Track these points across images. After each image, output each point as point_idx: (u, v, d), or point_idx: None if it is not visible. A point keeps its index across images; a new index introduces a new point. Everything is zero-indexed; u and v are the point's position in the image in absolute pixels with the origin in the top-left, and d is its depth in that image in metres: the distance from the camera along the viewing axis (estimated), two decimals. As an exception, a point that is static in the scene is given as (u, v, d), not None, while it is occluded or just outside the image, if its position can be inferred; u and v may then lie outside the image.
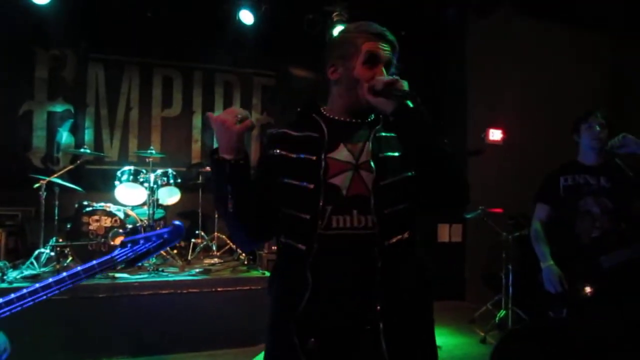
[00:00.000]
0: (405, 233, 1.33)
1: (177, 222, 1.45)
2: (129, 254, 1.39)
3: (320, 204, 1.29)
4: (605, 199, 2.50)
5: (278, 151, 1.37)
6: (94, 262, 1.37)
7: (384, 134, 1.39)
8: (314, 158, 1.33)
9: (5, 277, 3.72)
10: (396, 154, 1.35)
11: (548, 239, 2.68)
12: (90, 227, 4.24)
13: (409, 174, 1.32)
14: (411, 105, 1.29)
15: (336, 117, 1.42)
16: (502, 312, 4.49)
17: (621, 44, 6.15)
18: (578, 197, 2.55)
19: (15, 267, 4.08)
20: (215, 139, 1.37)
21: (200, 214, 5.22)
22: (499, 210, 4.66)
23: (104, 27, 5.44)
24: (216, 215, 5.15)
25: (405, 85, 1.29)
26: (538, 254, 2.68)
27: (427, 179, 1.29)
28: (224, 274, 4.34)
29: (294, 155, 1.36)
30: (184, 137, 6.04)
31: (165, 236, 1.42)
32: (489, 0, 5.34)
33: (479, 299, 5.18)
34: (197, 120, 6.11)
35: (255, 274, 4.32)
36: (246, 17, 5.41)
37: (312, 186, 1.30)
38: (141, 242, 1.41)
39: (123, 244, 1.41)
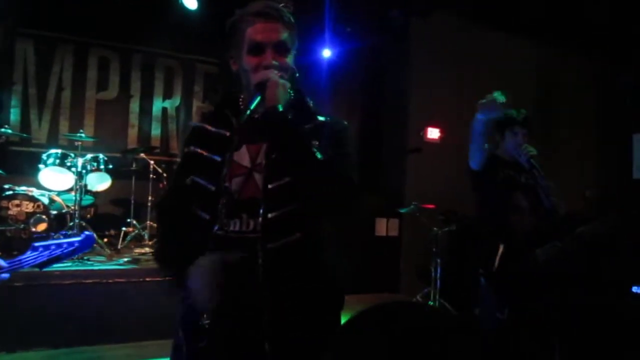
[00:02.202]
0: (295, 234, 1.28)
1: (88, 233, 1.51)
2: (37, 259, 1.39)
3: (219, 206, 1.29)
4: (531, 194, 2.58)
5: (192, 148, 1.38)
6: (1, 261, 1.35)
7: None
8: (219, 160, 1.33)
9: None
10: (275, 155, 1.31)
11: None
12: (10, 212, 4.00)
13: (295, 179, 1.28)
14: (280, 108, 1.21)
15: (242, 110, 1.36)
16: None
17: (547, 46, 6.53)
18: (511, 191, 2.60)
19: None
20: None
21: (132, 202, 5.04)
22: (431, 206, 4.81)
23: (35, 1, 5.12)
24: (149, 204, 5.00)
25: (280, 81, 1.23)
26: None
27: (302, 184, 1.26)
28: (153, 263, 4.22)
29: (204, 154, 1.35)
30: (120, 121, 5.82)
31: (76, 244, 1.44)
32: (430, 3, 5.48)
33: (412, 291, 5.35)
34: (134, 105, 5.90)
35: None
36: (190, 2, 5.26)
37: (213, 189, 1.31)
38: (52, 247, 1.41)
39: (34, 248, 1.40)
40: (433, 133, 6.10)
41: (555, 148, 6.30)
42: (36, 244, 1.40)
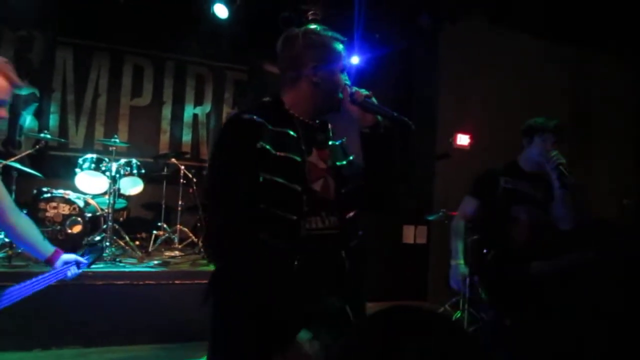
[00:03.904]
0: (360, 232, 1.50)
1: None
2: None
3: (304, 206, 1.37)
4: (537, 209, 2.53)
5: (261, 144, 1.34)
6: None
7: (331, 142, 1.53)
8: (299, 160, 1.38)
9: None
10: (344, 162, 1.51)
11: (472, 233, 2.71)
12: (47, 214, 4.15)
13: (360, 182, 1.48)
14: (381, 120, 1.44)
15: (301, 118, 1.47)
16: (458, 313, 4.57)
17: (583, 51, 6.34)
18: (513, 203, 2.56)
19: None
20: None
21: (163, 206, 5.15)
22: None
23: (74, 11, 5.33)
24: (179, 208, 5.10)
25: (374, 99, 1.45)
26: (452, 249, 2.69)
27: (373, 189, 1.48)
28: (183, 266, 4.31)
29: (278, 153, 1.36)
30: (153, 127, 5.97)
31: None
32: (460, 8, 5.42)
33: (440, 299, 5.26)
34: (166, 111, 6.04)
35: (214, 267, 4.29)
36: (220, 11, 5.37)
37: (299, 189, 1.37)
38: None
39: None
40: (463, 139, 6.02)
41: (591, 155, 6.12)
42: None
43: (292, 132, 1.41)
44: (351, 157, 1.54)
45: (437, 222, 5.20)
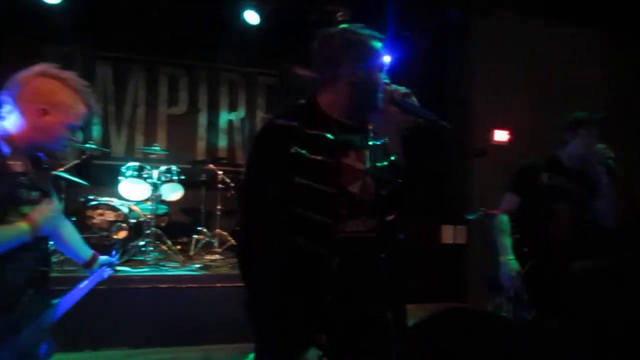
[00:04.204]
0: (399, 235, 1.47)
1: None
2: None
3: (340, 208, 1.35)
4: (579, 206, 2.46)
5: (294, 149, 1.34)
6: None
7: (372, 142, 1.47)
8: (333, 162, 1.36)
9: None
10: (385, 163, 1.46)
11: (512, 232, 2.62)
12: (94, 221, 4.32)
13: (400, 184, 1.45)
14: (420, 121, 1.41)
15: (338, 118, 1.44)
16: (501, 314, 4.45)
17: (627, 42, 6.08)
18: (554, 198, 2.49)
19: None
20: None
21: (202, 211, 5.27)
22: (499, 212, 4.62)
23: (112, 26, 5.53)
24: (218, 212, 5.20)
25: (414, 99, 1.42)
26: (499, 246, 2.61)
27: (412, 191, 1.45)
28: (223, 269, 4.39)
29: (311, 156, 1.34)
30: (190, 134, 6.12)
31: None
32: (491, 0, 5.32)
33: (480, 301, 5.15)
34: (202, 118, 6.19)
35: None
36: (251, 17, 5.46)
37: (333, 191, 1.35)
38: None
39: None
40: (501, 135, 5.89)
41: (633, 148, 5.87)
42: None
43: (327, 134, 1.38)
44: (392, 158, 1.47)
45: (476, 222, 5.09)
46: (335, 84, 1.44)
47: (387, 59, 1.50)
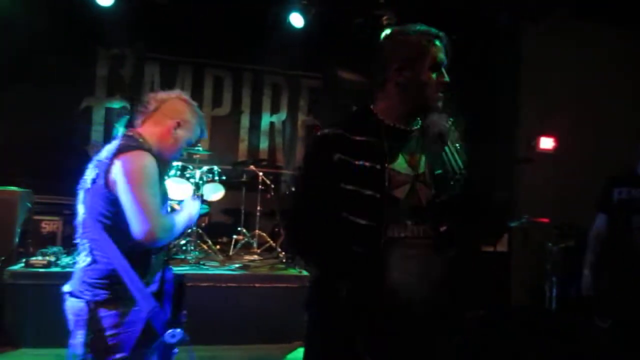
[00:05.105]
0: (454, 247, 1.43)
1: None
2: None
3: (384, 213, 1.35)
4: None
5: (338, 156, 1.37)
6: None
7: (434, 148, 1.44)
8: (378, 167, 1.36)
9: (59, 262, 3.97)
10: (440, 170, 1.41)
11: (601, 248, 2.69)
12: (138, 219, 4.41)
13: (458, 193, 1.39)
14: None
15: (391, 124, 1.43)
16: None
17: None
18: (632, 212, 2.48)
19: (69, 254, 4.33)
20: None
21: (242, 212, 5.34)
22: (545, 219, 4.49)
23: (160, 29, 5.67)
24: (257, 213, 5.25)
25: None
26: (586, 259, 2.75)
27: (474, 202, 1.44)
28: (262, 270, 4.42)
29: (356, 162, 1.36)
30: (232, 135, 6.22)
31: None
32: (543, 5, 5.15)
33: (521, 309, 5.01)
34: (245, 120, 6.27)
35: (292, 272, 4.38)
36: (296, 20, 5.50)
37: (378, 196, 1.34)
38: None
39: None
40: (546, 143, 5.72)
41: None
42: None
43: (374, 140, 1.39)
44: (455, 165, 1.39)
45: (518, 230, 4.95)
46: (385, 88, 1.44)
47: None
